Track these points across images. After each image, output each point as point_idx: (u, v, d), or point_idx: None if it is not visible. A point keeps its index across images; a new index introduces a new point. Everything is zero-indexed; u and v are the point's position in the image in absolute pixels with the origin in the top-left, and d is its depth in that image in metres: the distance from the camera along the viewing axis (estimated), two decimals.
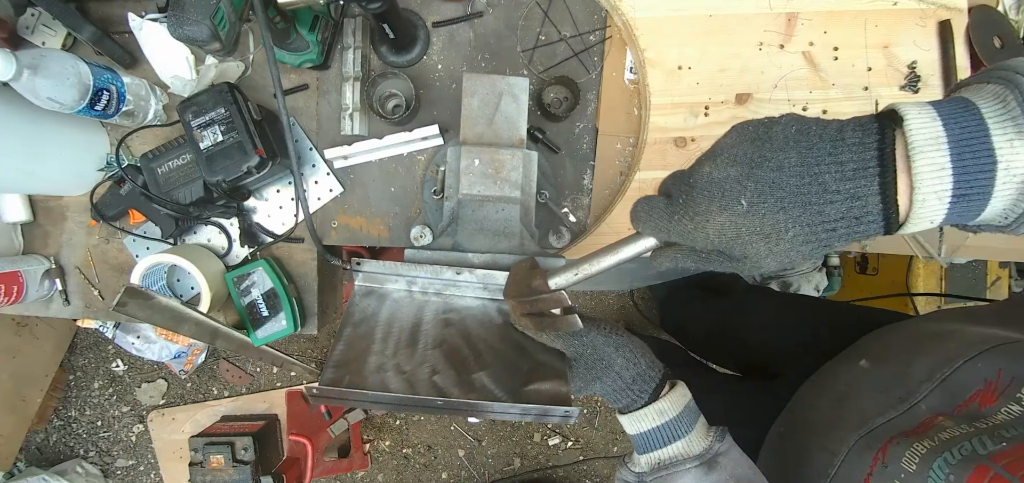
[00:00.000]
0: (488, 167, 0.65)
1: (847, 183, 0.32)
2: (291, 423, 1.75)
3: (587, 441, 1.89)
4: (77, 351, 1.90)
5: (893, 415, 0.53)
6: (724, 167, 0.35)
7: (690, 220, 0.37)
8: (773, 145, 0.34)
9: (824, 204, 0.33)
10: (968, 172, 0.30)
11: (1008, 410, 0.44)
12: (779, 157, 0.33)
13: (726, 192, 0.35)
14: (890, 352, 0.61)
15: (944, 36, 0.78)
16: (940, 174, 0.30)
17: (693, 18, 0.78)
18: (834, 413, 0.61)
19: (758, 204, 0.34)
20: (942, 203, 0.31)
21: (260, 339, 0.81)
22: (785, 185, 0.33)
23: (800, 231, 0.33)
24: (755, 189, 0.34)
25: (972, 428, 0.45)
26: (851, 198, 0.32)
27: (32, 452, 1.91)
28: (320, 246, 0.78)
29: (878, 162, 0.32)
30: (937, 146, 0.30)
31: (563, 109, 0.79)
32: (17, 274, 0.78)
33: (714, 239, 0.36)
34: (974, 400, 0.47)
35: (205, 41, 0.57)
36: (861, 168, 0.32)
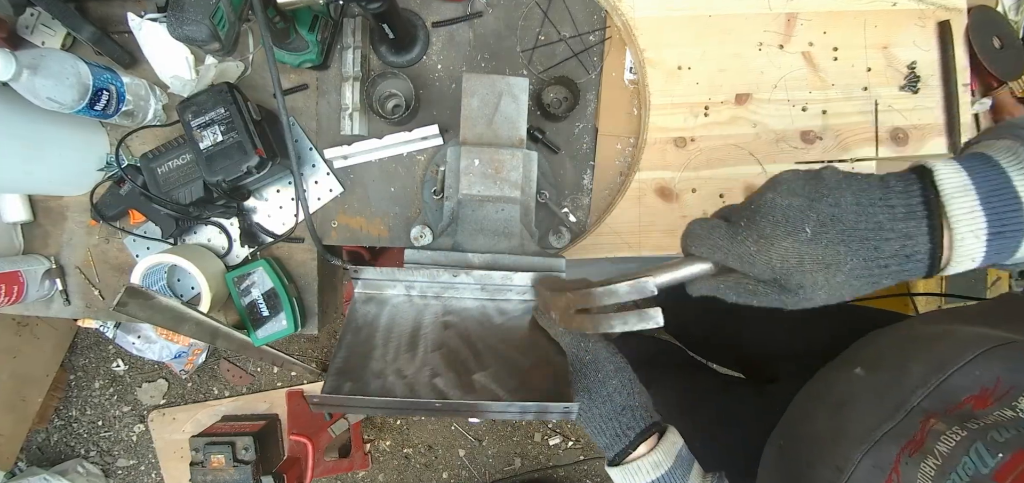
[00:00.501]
0: (488, 167, 0.65)
1: (900, 223, 0.35)
2: (292, 423, 1.75)
3: (587, 441, 1.89)
4: (78, 351, 1.90)
5: (891, 425, 0.52)
6: (787, 196, 0.37)
7: (754, 242, 0.38)
8: (827, 186, 0.37)
9: (880, 241, 0.35)
10: (998, 213, 0.34)
11: (1001, 414, 0.43)
12: (836, 194, 0.36)
13: (791, 218, 0.37)
14: (884, 357, 0.60)
15: (943, 36, 0.79)
16: (973, 216, 0.34)
17: (693, 18, 0.78)
18: (834, 424, 0.60)
19: (821, 233, 0.36)
20: (980, 241, 0.34)
21: (260, 339, 0.81)
22: (844, 219, 0.36)
23: (857, 264, 0.36)
24: (817, 219, 0.36)
25: (965, 431, 0.45)
26: (904, 237, 0.35)
27: (33, 452, 1.91)
28: (320, 246, 0.78)
29: (924, 206, 0.35)
30: (966, 192, 0.34)
31: (563, 109, 0.79)
32: (17, 274, 0.78)
33: (776, 264, 0.37)
34: (967, 403, 0.47)
35: (204, 41, 0.57)
36: (910, 211, 0.35)
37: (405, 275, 0.59)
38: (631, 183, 0.78)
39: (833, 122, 0.79)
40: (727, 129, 0.79)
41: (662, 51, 0.78)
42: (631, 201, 0.78)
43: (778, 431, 0.69)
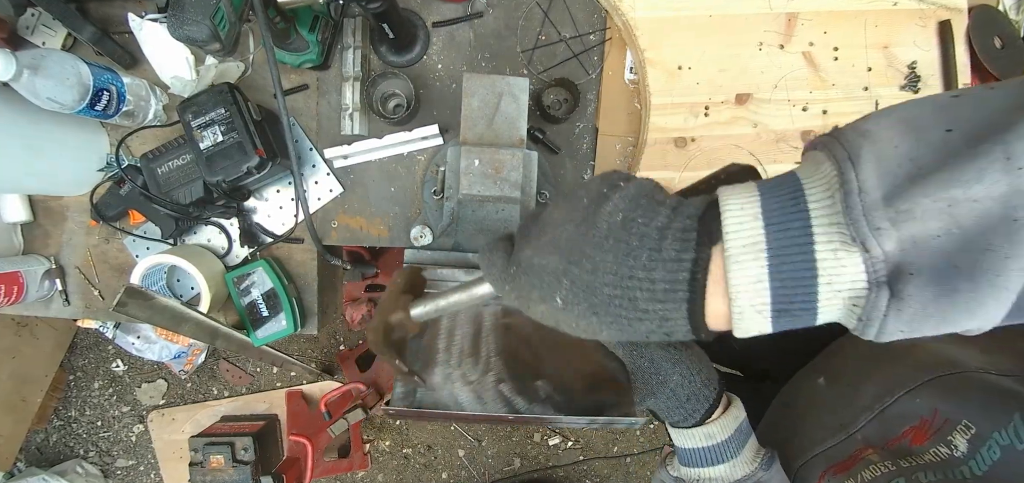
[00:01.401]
0: (488, 167, 0.65)
1: (657, 304, 0.30)
2: (291, 423, 1.75)
3: (587, 441, 1.89)
4: (77, 351, 1.90)
5: (831, 444, 0.52)
6: (545, 254, 0.34)
7: (516, 298, 0.36)
8: (594, 238, 0.32)
9: (634, 319, 0.31)
10: (786, 287, 0.27)
11: (936, 451, 0.42)
12: (596, 257, 0.31)
13: (544, 284, 0.34)
14: (847, 369, 0.60)
15: (944, 36, 0.78)
16: (756, 287, 0.27)
17: (693, 18, 0.78)
18: (789, 434, 0.61)
19: (572, 304, 0.33)
20: (764, 317, 0.28)
21: (260, 339, 0.81)
22: (598, 292, 0.31)
23: (614, 333, 0.33)
24: (570, 288, 0.32)
25: (895, 467, 0.44)
26: (661, 319, 0.31)
27: (32, 452, 1.91)
28: (320, 246, 0.78)
29: (688, 287, 0.29)
30: (755, 255, 0.27)
31: (563, 111, 0.79)
32: (17, 274, 0.78)
33: (537, 318, 0.36)
34: (906, 436, 0.46)
35: (205, 41, 0.57)
36: (671, 291, 0.30)
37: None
38: None
39: (833, 122, 0.79)
40: (727, 129, 0.79)
41: (662, 51, 0.78)
42: None
43: (756, 434, 0.70)
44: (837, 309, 0.27)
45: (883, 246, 0.25)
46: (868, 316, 0.26)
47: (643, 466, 1.92)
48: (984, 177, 0.23)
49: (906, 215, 0.24)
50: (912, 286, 0.24)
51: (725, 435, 0.48)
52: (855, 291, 0.26)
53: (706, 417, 0.48)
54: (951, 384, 0.46)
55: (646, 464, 1.91)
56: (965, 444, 0.40)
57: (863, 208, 0.25)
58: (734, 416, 0.49)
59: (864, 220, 0.25)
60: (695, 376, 0.48)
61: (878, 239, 0.25)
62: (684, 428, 0.49)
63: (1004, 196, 0.23)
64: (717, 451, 0.48)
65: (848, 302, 0.26)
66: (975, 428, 0.40)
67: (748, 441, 0.50)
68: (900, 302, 0.25)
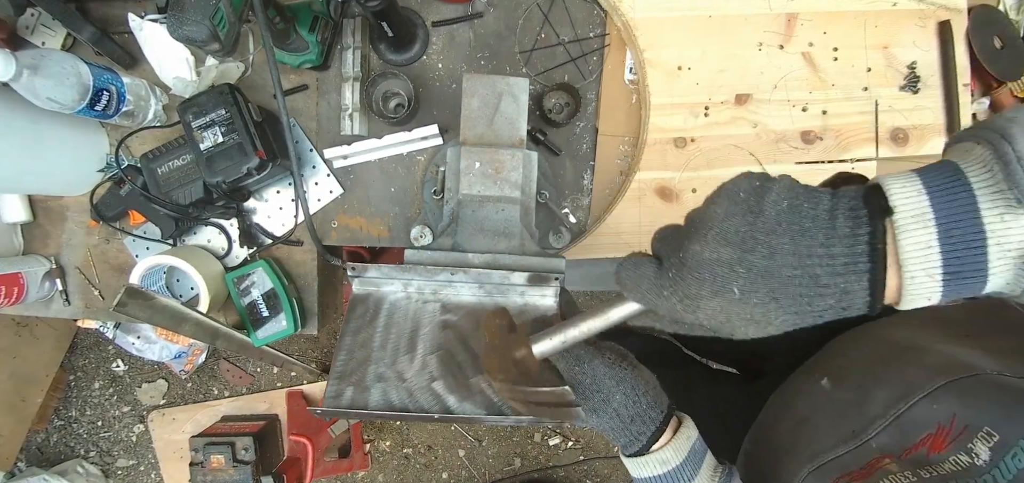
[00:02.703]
0: (488, 167, 0.65)
1: (838, 278, 0.31)
2: (292, 423, 1.75)
3: (587, 441, 1.89)
4: (77, 351, 1.90)
5: (843, 451, 0.51)
6: (716, 247, 0.34)
7: (680, 301, 0.35)
8: (765, 225, 0.33)
9: (814, 297, 0.32)
10: (957, 250, 0.29)
11: (956, 460, 0.41)
12: (771, 241, 0.32)
13: (718, 277, 0.33)
14: (853, 369, 0.59)
15: (944, 36, 0.78)
16: (927, 253, 0.29)
17: (693, 18, 0.78)
18: (792, 438, 0.60)
19: (750, 292, 0.33)
20: (934, 282, 0.30)
21: (260, 339, 0.81)
22: (778, 274, 0.32)
23: (789, 319, 0.33)
24: (747, 276, 0.33)
25: (915, 477, 0.43)
26: (841, 292, 0.32)
27: (32, 452, 1.91)
28: (320, 246, 0.78)
29: (869, 258, 0.31)
30: (924, 223, 0.29)
31: (564, 115, 0.79)
32: (18, 275, 0.78)
33: (704, 320, 0.36)
34: (924, 444, 0.45)
35: (205, 41, 0.57)
36: (851, 263, 0.31)
37: (402, 272, 0.59)
38: (631, 183, 0.78)
39: (833, 122, 0.79)
40: (727, 129, 0.79)
41: (662, 51, 0.78)
42: (631, 201, 0.78)
43: (750, 434, 0.69)
44: (1007, 271, 0.29)
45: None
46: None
47: None
48: None
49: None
50: None
51: (679, 459, 0.48)
52: (1023, 247, 0.28)
53: (654, 440, 0.48)
54: (968, 387, 0.45)
55: None
56: (987, 452, 0.39)
57: (1020, 161, 0.27)
58: (686, 436, 0.49)
59: (1022, 171, 0.27)
60: (641, 397, 0.48)
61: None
62: (635, 457, 0.48)
63: None
64: (674, 476, 0.48)
65: (1017, 259, 0.28)
66: (998, 436, 0.39)
67: (705, 459, 0.50)
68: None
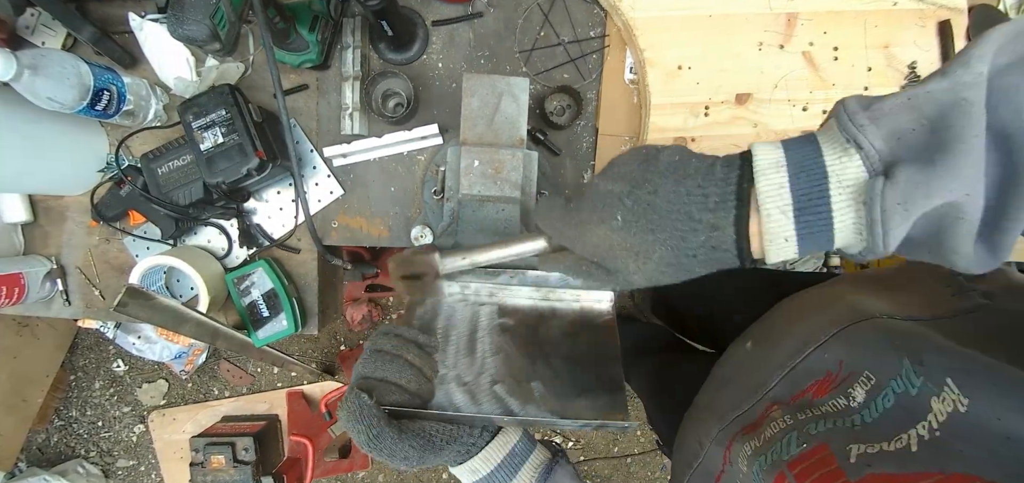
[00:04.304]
0: (488, 167, 0.65)
1: (709, 214, 0.35)
2: (292, 423, 1.75)
3: (588, 441, 1.89)
4: (78, 351, 1.90)
5: (745, 408, 0.55)
6: (611, 182, 0.39)
7: (574, 227, 0.40)
8: (657, 169, 0.37)
9: (687, 231, 0.36)
10: (804, 186, 0.33)
11: (834, 403, 0.44)
12: (657, 181, 0.37)
13: (606, 205, 0.38)
14: (772, 331, 0.61)
15: (944, 36, 0.78)
16: (780, 191, 0.34)
17: (693, 18, 0.78)
18: (711, 400, 0.63)
19: (631, 222, 0.37)
20: (788, 218, 0.34)
21: (261, 340, 0.81)
22: (657, 208, 0.36)
23: (666, 253, 0.37)
24: (631, 207, 0.37)
25: (793, 421, 0.46)
26: (711, 228, 0.35)
27: (33, 452, 1.91)
28: (321, 247, 0.78)
29: (736, 196, 0.35)
30: (777, 168, 0.34)
31: (566, 118, 0.79)
32: (19, 276, 0.78)
33: (590, 249, 0.39)
34: (809, 390, 0.48)
35: (205, 41, 0.57)
36: (721, 201, 0.35)
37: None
38: None
39: None
40: (727, 129, 0.79)
41: (662, 51, 0.78)
42: None
43: (692, 405, 0.71)
44: (847, 204, 0.33)
45: (872, 142, 0.32)
46: (871, 198, 0.32)
47: (644, 466, 1.92)
48: (930, 81, 0.33)
49: (879, 112, 0.33)
50: (900, 168, 0.31)
51: (489, 468, 0.49)
52: (858, 183, 0.33)
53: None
54: (854, 333, 0.48)
55: (647, 464, 1.91)
56: (862, 394, 0.42)
57: (848, 115, 0.33)
58: (501, 443, 0.50)
59: (850, 123, 0.33)
60: (467, 441, 0.48)
61: (865, 134, 0.32)
62: (455, 465, 0.50)
63: (949, 87, 0.32)
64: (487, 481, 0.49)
65: (854, 194, 0.33)
66: (875, 378, 0.42)
67: (526, 462, 0.51)
68: (893, 181, 0.31)
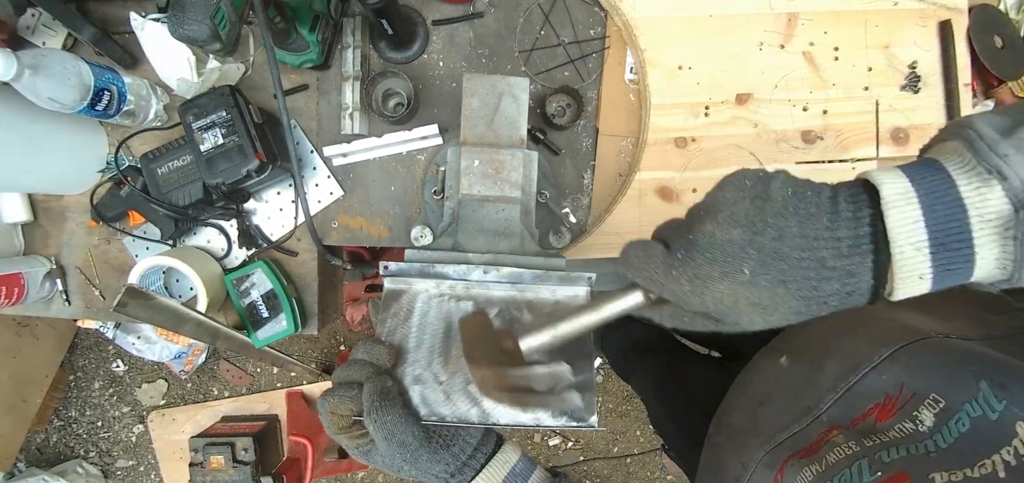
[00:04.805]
0: (488, 167, 0.65)
1: (843, 260, 0.32)
2: (291, 424, 1.75)
3: (587, 441, 1.89)
4: (77, 351, 1.90)
5: (796, 429, 0.52)
6: (727, 228, 0.34)
7: (689, 282, 0.35)
8: (773, 208, 0.34)
9: (821, 280, 0.33)
10: (940, 221, 0.31)
11: (901, 427, 0.42)
12: (780, 223, 0.33)
13: (729, 257, 0.33)
14: (809, 346, 0.59)
15: (944, 36, 0.78)
16: (914, 227, 0.31)
17: (693, 18, 0.78)
18: (751, 419, 0.60)
19: (760, 274, 0.33)
20: (922, 255, 0.31)
21: (261, 340, 0.81)
22: (787, 257, 0.33)
23: (797, 305, 0.33)
24: (758, 257, 0.33)
25: (859, 447, 0.44)
26: (846, 274, 0.32)
27: (32, 452, 1.91)
28: (320, 247, 0.78)
29: (871, 239, 0.32)
30: (908, 201, 0.31)
31: (566, 118, 0.79)
32: (19, 276, 0.78)
33: (710, 305, 0.35)
34: (871, 414, 0.46)
35: (205, 41, 0.57)
36: (855, 246, 0.32)
37: (434, 269, 0.59)
38: (631, 183, 0.78)
39: (834, 122, 0.79)
40: (728, 129, 0.79)
41: (662, 51, 0.78)
42: (631, 201, 0.78)
43: (714, 419, 0.69)
44: (991, 240, 0.30)
45: (1018, 172, 0.29)
46: (1020, 232, 0.29)
47: (643, 466, 1.92)
48: None
49: (1022, 141, 0.30)
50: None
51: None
52: (1002, 216, 0.30)
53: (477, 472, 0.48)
54: (915, 353, 0.45)
55: (646, 464, 1.91)
56: (931, 418, 0.40)
57: (987, 145, 0.30)
58: (501, 462, 0.49)
59: (991, 153, 0.30)
60: (460, 455, 0.48)
61: (1009, 165, 0.29)
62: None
63: None
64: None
65: (999, 228, 0.30)
66: (944, 401, 0.39)
67: (533, 475, 0.50)
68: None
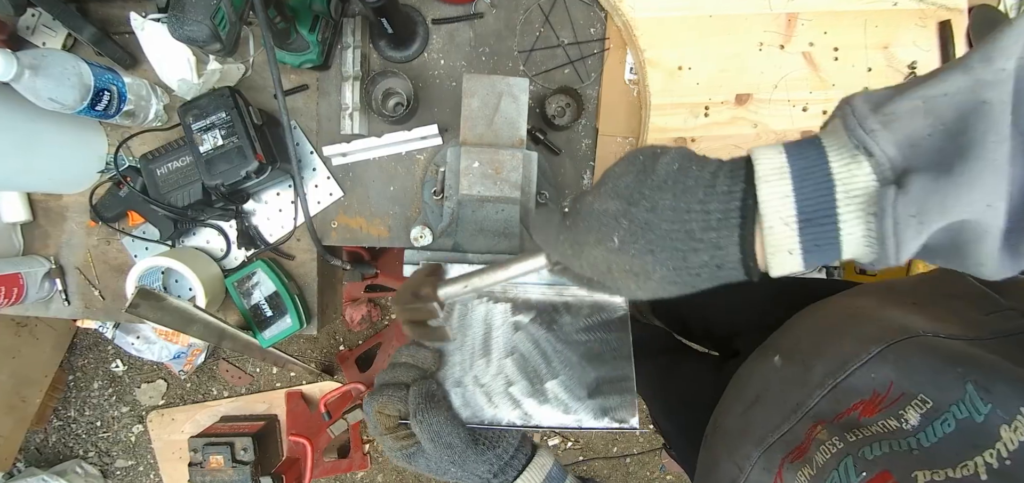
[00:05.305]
0: (488, 168, 0.65)
1: (711, 232, 0.33)
2: (291, 423, 1.75)
3: (587, 441, 1.89)
4: (77, 351, 1.90)
5: (786, 428, 0.52)
6: (605, 199, 0.36)
7: (569, 246, 0.38)
8: (654, 181, 0.35)
9: (689, 251, 0.34)
10: (809, 196, 0.31)
11: (884, 423, 0.42)
12: (655, 197, 0.34)
13: (602, 226, 0.36)
14: (800, 345, 0.59)
15: (944, 36, 0.79)
16: (784, 201, 0.31)
17: (693, 18, 0.78)
18: (744, 420, 0.60)
19: (629, 243, 0.35)
20: (791, 230, 0.31)
21: (268, 340, 0.81)
22: (656, 227, 0.34)
23: (667, 273, 0.34)
24: (628, 227, 0.35)
25: (844, 443, 0.44)
26: (714, 247, 0.33)
27: (31, 453, 1.91)
28: (320, 247, 0.78)
29: (740, 213, 0.33)
30: (780, 176, 0.32)
31: (567, 119, 0.79)
32: (18, 276, 0.78)
33: (587, 268, 0.37)
34: (855, 409, 0.46)
35: (205, 41, 0.57)
36: (724, 218, 0.33)
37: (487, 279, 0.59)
38: None
39: None
40: (727, 129, 0.79)
41: (662, 51, 0.78)
42: None
43: (711, 420, 0.69)
44: (854, 215, 0.30)
45: (884, 149, 0.29)
46: (882, 209, 0.29)
47: (643, 466, 1.92)
48: (948, 78, 0.29)
49: (891, 116, 0.30)
50: (914, 178, 0.29)
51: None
52: (868, 192, 0.30)
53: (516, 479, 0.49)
54: (903, 352, 0.45)
55: (646, 464, 1.91)
56: (917, 417, 0.40)
57: (857, 119, 0.31)
58: (539, 465, 0.49)
59: (859, 128, 0.30)
60: (503, 456, 0.48)
61: (876, 140, 0.30)
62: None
63: (969, 87, 0.29)
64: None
65: (863, 205, 0.30)
66: (932, 402, 0.40)
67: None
68: (905, 192, 0.29)
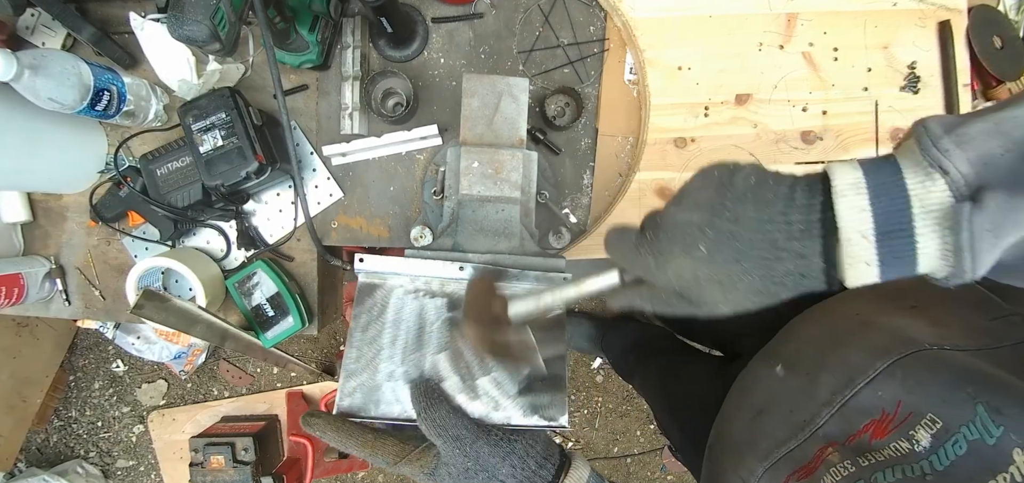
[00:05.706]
0: (488, 167, 0.65)
1: (794, 242, 0.35)
2: (291, 424, 1.75)
3: (587, 441, 1.89)
4: (77, 351, 1.90)
5: (793, 445, 0.52)
6: (687, 211, 0.38)
7: (654, 257, 0.39)
8: (733, 195, 0.36)
9: (773, 260, 0.35)
10: (885, 210, 0.32)
11: (897, 446, 0.43)
12: (737, 208, 0.36)
13: (688, 236, 0.37)
14: (803, 355, 0.59)
15: (944, 36, 0.79)
16: (862, 215, 0.33)
17: (693, 18, 0.78)
18: (748, 433, 0.60)
19: (715, 252, 0.36)
20: (869, 242, 0.33)
21: (270, 340, 0.81)
22: (740, 237, 0.35)
23: (753, 282, 0.36)
24: (714, 236, 0.36)
25: (856, 467, 0.44)
26: (797, 256, 0.35)
27: (32, 453, 1.91)
28: (320, 247, 0.78)
29: (821, 224, 0.34)
30: (858, 190, 0.33)
31: (566, 118, 0.79)
32: (18, 276, 0.78)
33: (673, 279, 0.38)
34: (866, 431, 0.46)
35: (205, 41, 0.57)
36: (806, 230, 0.34)
37: (408, 266, 0.59)
38: (631, 183, 0.78)
39: (833, 122, 0.79)
40: (727, 129, 0.79)
41: (662, 51, 0.78)
42: (631, 201, 0.78)
43: (714, 425, 0.69)
44: (931, 230, 0.32)
45: (958, 166, 0.31)
46: (957, 222, 0.30)
47: (643, 466, 1.92)
48: (1021, 103, 0.31)
49: (964, 137, 0.31)
50: (989, 194, 0.30)
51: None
52: (943, 207, 0.31)
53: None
54: (911, 368, 0.45)
55: (646, 464, 1.91)
56: (928, 439, 0.40)
57: (931, 139, 0.32)
58: (576, 479, 0.49)
59: (934, 147, 0.32)
60: (528, 461, 0.48)
61: (950, 159, 0.31)
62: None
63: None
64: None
65: (940, 220, 0.31)
66: (941, 422, 0.40)
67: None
68: (981, 207, 0.30)
